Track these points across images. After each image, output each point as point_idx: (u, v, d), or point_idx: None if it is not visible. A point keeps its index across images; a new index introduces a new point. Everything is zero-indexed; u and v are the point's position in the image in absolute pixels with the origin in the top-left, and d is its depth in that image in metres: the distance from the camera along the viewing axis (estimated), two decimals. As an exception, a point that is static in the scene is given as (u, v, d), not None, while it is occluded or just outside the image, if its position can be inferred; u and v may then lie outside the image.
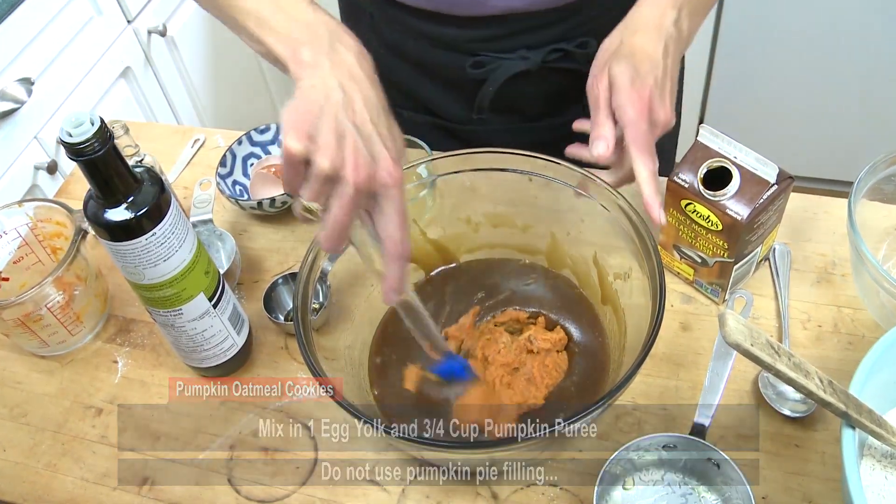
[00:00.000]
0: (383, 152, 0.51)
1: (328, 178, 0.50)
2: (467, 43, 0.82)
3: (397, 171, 0.51)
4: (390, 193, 0.52)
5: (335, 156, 0.50)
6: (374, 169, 0.51)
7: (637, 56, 0.62)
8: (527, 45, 0.81)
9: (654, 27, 0.64)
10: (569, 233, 0.72)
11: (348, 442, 0.70)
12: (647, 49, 0.62)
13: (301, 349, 0.59)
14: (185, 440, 0.72)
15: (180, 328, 0.68)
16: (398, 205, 0.52)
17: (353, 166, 0.50)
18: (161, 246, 0.61)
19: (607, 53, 0.64)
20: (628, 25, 0.65)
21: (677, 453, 0.61)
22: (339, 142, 0.50)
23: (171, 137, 1.03)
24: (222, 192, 0.88)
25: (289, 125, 0.51)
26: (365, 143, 0.51)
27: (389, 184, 0.51)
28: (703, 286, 0.75)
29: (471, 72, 0.83)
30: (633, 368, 0.54)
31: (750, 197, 0.65)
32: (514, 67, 0.82)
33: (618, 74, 0.61)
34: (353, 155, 0.50)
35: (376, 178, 0.51)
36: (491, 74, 0.83)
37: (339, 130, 0.51)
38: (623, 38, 0.64)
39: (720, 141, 0.67)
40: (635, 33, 0.64)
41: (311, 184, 0.51)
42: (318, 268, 0.65)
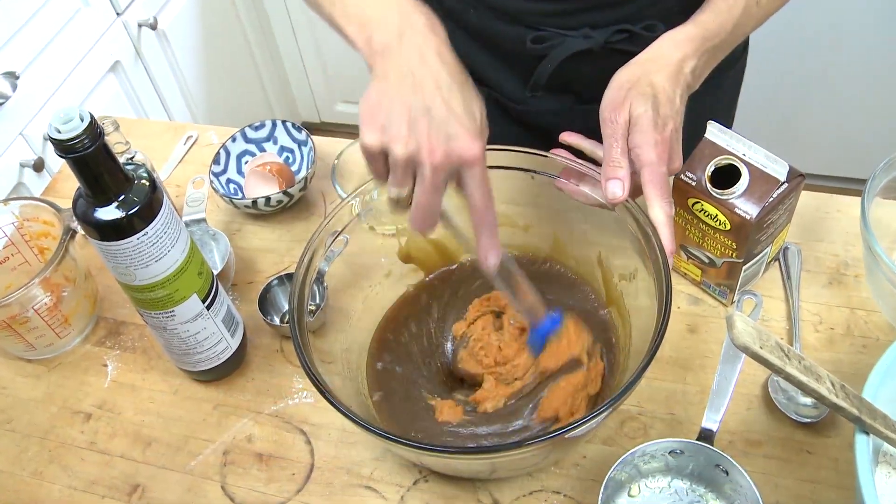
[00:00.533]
0: (459, 130, 0.53)
1: (407, 165, 0.53)
2: (530, 16, 0.81)
3: (475, 145, 0.53)
4: (471, 168, 0.54)
5: (408, 142, 0.52)
6: (451, 147, 0.53)
7: (659, 97, 0.63)
8: (591, 24, 0.80)
9: (676, 71, 0.65)
10: (572, 232, 0.73)
11: (345, 448, 0.70)
12: (668, 92, 0.63)
13: (297, 352, 0.59)
14: (177, 446, 0.72)
15: (172, 330, 0.69)
16: (480, 178, 0.54)
17: (428, 149, 0.52)
18: (153, 246, 0.62)
19: (625, 86, 0.64)
20: (650, 61, 0.65)
21: (684, 459, 0.62)
22: (412, 128, 0.52)
23: (163, 134, 1.04)
24: (216, 191, 0.88)
25: (363, 119, 0.54)
26: (438, 124, 0.53)
27: (468, 159, 0.53)
28: (711, 287, 0.76)
29: (531, 47, 0.82)
30: (639, 372, 0.54)
31: (759, 195, 0.66)
32: (576, 45, 0.81)
33: (642, 114, 0.62)
34: (427, 138, 0.52)
35: (454, 155, 0.53)
36: (551, 51, 0.82)
37: (410, 117, 0.53)
38: (642, 73, 0.64)
39: (728, 138, 0.67)
40: (657, 72, 0.64)
41: (392, 173, 0.54)
42: (315, 268, 0.66)
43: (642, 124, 0.61)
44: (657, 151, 0.60)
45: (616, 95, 0.63)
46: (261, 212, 0.88)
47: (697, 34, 0.66)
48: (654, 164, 0.61)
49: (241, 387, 0.76)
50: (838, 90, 1.70)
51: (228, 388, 0.76)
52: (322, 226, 0.66)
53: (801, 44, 1.65)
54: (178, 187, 0.96)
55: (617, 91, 0.64)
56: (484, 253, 0.58)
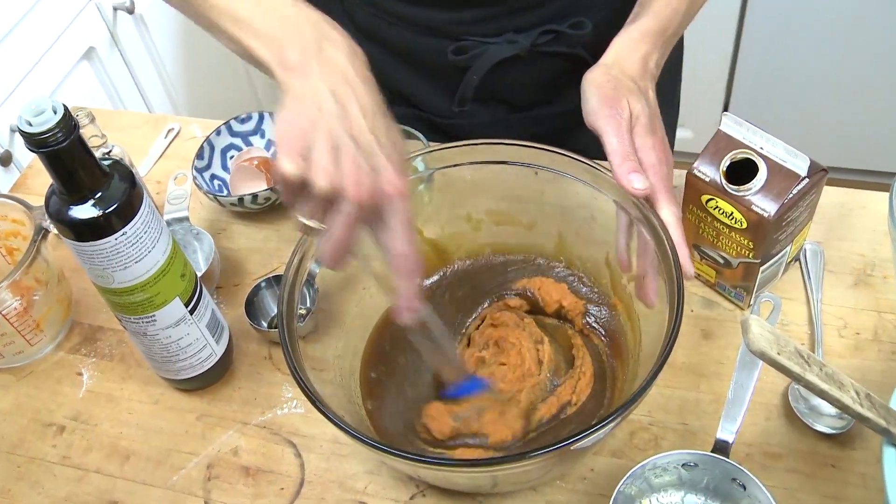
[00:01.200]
0: (385, 163, 0.52)
1: (328, 198, 0.51)
2: (448, 26, 0.82)
3: (401, 181, 0.52)
4: (395, 206, 0.52)
5: (333, 174, 0.51)
6: (377, 182, 0.52)
7: (648, 97, 0.64)
8: (515, 28, 0.81)
9: (643, 68, 0.67)
10: (578, 231, 0.73)
11: (338, 460, 0.71)
12: (647, 90, 0.65)
13: (286, 359, 0.60)
14: (157, 460, 0.73)
15: (153, 336, 0.69)
16: (404, 217, 0.53)
17: (354, 183, 0.51)
18: (132, 246, 0.62)
19: (608, 84, 0.64)
20: (616, 63, 0.66)
21: (698, 472, 0.62)
22: (336, 158, 0.51)
23: (142, 127, 1.04)
24: (199, 188, 0.89)
25: (281, 144, 0.52)
26: (364, 156, 0.52)
27: (394, 196, 0.52)
28: (727, 290, 0.76)
29: (453, 58, 0.83)
30: (649, 379, 0.55)
31: (778, 191, 0.66)
32: (501, 53, 0.82)
33: (640, 112, 0.62)
34: (352, 171, 0.51)
35: (379, 191, 0.52)
36: (475, 61, 0.83)
37: (334, 145, 0.51)
38: (619, 73, 0.65)
39: (745, 130, 0.68)
40: (629, 71, 0.66)
41: (311, 203, 0.52)
42: (305, 270, 0.66)
43: (642, 124, 0.62)
44: (658, 151, 0.61)
45: (606, 93, 0.63)
46: (247, 210, 0.89)
47: (653, 28, 0.67)
48: (656, 165, 0.61)
49: (226, 396, 0.76)
50: (863, 77, 1.70)
51: (213, 397, 0.76)
52: (312, 225, 0.67)
53: (821, 27, 1.64)
54: (159, 184, 0.97)
55: (604, 89, 0.64)
56: (403, 305, 0.55)
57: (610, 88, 0.63)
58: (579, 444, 0.53)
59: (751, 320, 0.49)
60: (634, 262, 0.66)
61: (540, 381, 0.67)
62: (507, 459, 0.55)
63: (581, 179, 0.68)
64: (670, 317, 0.58)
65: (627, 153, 0.61)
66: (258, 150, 0.95)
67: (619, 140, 0.62)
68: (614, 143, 0.61)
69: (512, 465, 0.54)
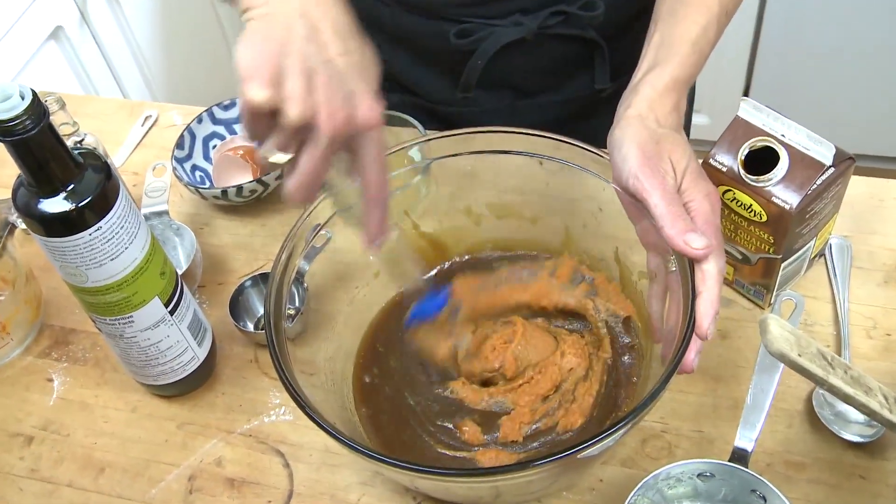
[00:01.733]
0: (360, 87, 0.52)
1: (299, 128, 0.51)
2: (450, 8, 0.82)
3: (377, 108, 0.53)
4: (371, 134, 0.53)
5: (306, 103, 0.50)
6: (352, 110, 0.52)
7: (685, 142, 0.63)
8: (521, 9, 0.82)
9: (678, 118, 0.65)
10: (585, 225, 0.74)
11: (329, 471, 0.71)
12: (687, 142, 0.63)
13: (274, 362, 0.60)
14: (135, 472, 0.73)
15: (130, 339, 0.70)
16: (379, 146, 0.54)
17: (328, 112, 0.50)
18: (107, 242, 0.62)
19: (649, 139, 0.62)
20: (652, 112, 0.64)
21: (715, 483, 0.62)
22: (309, 85, 0.51)
23: (117, 113, 1.04)
24: (179, 179, 0.89)
25: (247, 69, 0.50)
26: (340, 81, 0.52)
27: (371, 124, 0.53)
28: (745, 287, 0.77)
29: (456, 42, 0.83)
30: (661, 382, 0.55)
31: (801, 182, 0.67)
32: (507, 36, 0.82)
33: (687, 166, 0.61)
34: (326, 99, 0.50)
35: (355, 120, 0.52)
36: (479, 45, 0.83)
37: (306, 70, 0.51)
38: (655, 124, 0.63)
39: (765, 116, 0.68)
40: (665, 121, 0.63)
41: (279, 135, 0.52)
42: (294, 267, 0.67)
43: (691, 171, 0.61)
44: (711, 200, 0.60)
45: (648, 151, 0.60)
46: (232, 203, 0.89)
47: (682, 76, 0.65)
48: (709, 214, 0.60)
49: (209, 403, 0.77)
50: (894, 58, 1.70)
51: (195, 404, 0.77)
52: (302, 219, 0.67)
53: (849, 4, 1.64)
54: (136, 175, 0.97)
55: (646, 147, 0.61)
56: (372, 233, 0.58)
57: (652, 145, 0.61)
58: (586, 453, 0.53)
59: (769, 320, 0.50)
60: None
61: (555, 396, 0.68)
62: (510, 469, 0.55)
63: (588, 170, 0.68)
64: (684, 316, 0.58)
65: (678, 214, 0.58)
66: (243, 138, 0.96)
67: (667, 202, 0.58)
68: (662, 207, 0.58)
69: (515, 474, 0.54)
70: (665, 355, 0.61)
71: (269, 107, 0.50)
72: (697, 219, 0.59)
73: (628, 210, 0.65)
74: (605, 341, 0.71)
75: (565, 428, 0.67)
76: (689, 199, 0.60)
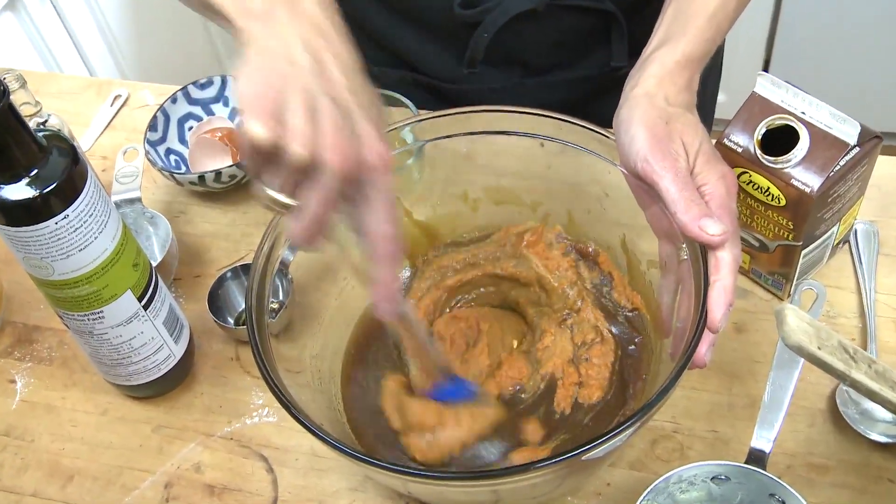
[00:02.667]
0: (367, 128, 0.52)
1: (303, 168, 0.50)
2: None
3: (386, 150, 0.52)
4: (378, 180, 0.53)
5: (311, 140, 0.50)
6: (359, 150, 0.51)
7: (697, 121, 0.63)
8: None
9: (691, 97, 0.65)
10: (590, 211, 0.74)
11: (316, 476, 0.72)
12: (700, 123, 0.63)
13: (256, 360, 0.60)
14: (106, 479, 0.74)
15: (101, 336, 0.70)
16: (387, 193, 0.53)
17: (335, 151, 0.50)
18: (75, 232, 0.63)
19: (658, 117, 0.62)
20: (662, 90, 0.64)
21: (731, 487, 0.63)
22: (314, 121, 0.50)
23: (83, 92, 1.05)
24: (153, 164, 0.89)
25: (248, 104, 0.50)
26: (346, 120, 0.52)
27: (378, 168, 0.52)
28: (763, 277, 0.77)
29: (460, 13, 0.83)
30: (671, 379, 0.55)
31: (822, 163, 0.67)
32: (516, 6, 0.82)
33: (701, 146, 0.61)
34: (333, 136, 0.50)
35: (363, 161, 0.52)
36: (486, 16, 0.83)
37: (311, 106, 0.51)
38: (664, 103, 0.63)
39: (783, 92, 0.69)
40: (675, 100, 0.64)
41: (282, 174, 0.51)
42: (277, 258, 0.67)
43: (704, 152, 0.61)
44: (727, 182, 0.61)
45: (658, 133, 0.61)
46: (210, 189, 0.90)
47: (697, 53, 0.66)
48: (725, 198, 0.60)
49: (186, 404, 0.77)
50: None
51: (171, 405, 0.77)
52: (285, 205, 0.68)
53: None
54: (106, 159, 0.97)
55: (655, 127, 0.61)
56: (381, 296, 0.56)
57: (662, 126, 0.61)
58: (591, 454, 0.54)
59: (787, 310, 0.50)
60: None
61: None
62: (509, 471, 0.56)
63: (593, 151, 0.69)
64: (696, 308, 0.59)
65: (691, 199, 0.59)
66: (221, 119, 0.96)
67: (680, 186, 0.59)
68: (674, 191, 0.59)
69: (515, 477, 0.55)
70: (675, 350, 0.62)
71: (271, 144, 0.50)
72: (712, 203, 0.59)
73: (637, 195, 0.66)
74: (608, 332, 0.72)
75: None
76: (702, 182, 0.60)
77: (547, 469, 0.54)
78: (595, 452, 0.54)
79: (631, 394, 0.69)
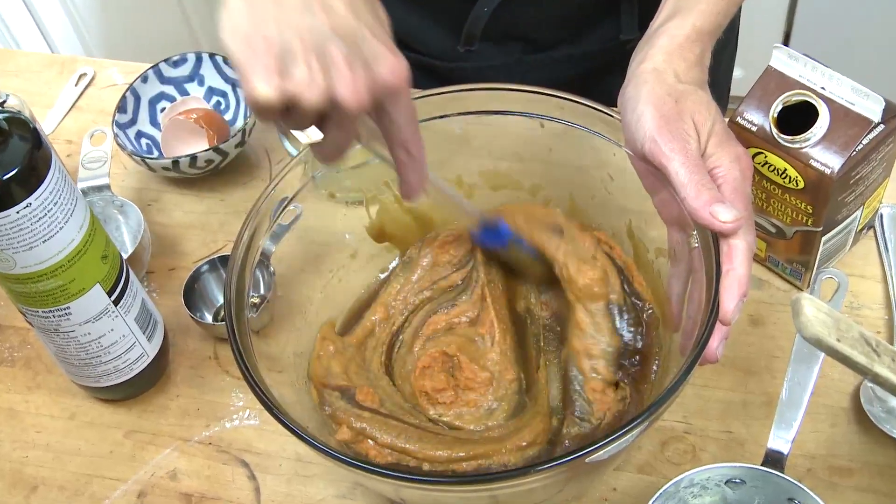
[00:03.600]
0: (378, 48, 0.53)
1: (321, 112, 0.52)
2: None
3: (401, 66, 0.54)
4: (399, 95, 0.55)
5: (322, 86, 0.51)
6: (375, 77, 0.53)
7: (709, 99, 0.63)
8: None
9: (701, 73, 0.66)
10: (594, 196, 0.75)
11: (301, 482, 0.72)
12: (713, 101, 0.64)
13: (236, 358, 0.61)
14: (74, 489, 0.74)
15: (68, 334, 0.70)
16: (408, 108, 0.56)
17: (350, 88, 0.51)
18: (38, 221, 0.63)
19: (665, 100, 0.62)
20: (671, 66, 0.65)
21: (747, 491, 0.64)
22: (322, 63, 0.51)
23: (44, 71, 1.04)
24: (122, 148, 0.90)
25: (244, 62, 0.51)
26: (354, 47, 0.52)
27: (397, 86, 0.54)
28: (780, 266, 0.78)
29: None
30: (681, 375, 0.56)
31: (844, 142, 0.67)
32: None
33: (714, 126, 0.62)
34: (344, 73, 0.51)
35: (380, 86, 0.53)
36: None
37: (314, 46, 0.51)
38: (674, 79, 0.64)
39: (801, 66, 0.69)
40: (685, 76, 0.64)
41: (299, 120, 0.53)
42: (258, 249, 0.67)
43: (717, 133, 0.62)
44: (741, 164, 0.61)
45: (667, 111, 0.61)
46: (184, 175, 0.90)
47: (707, 26, 0.66)
48: (739, 181, 0.60)
49: (161, 406, 0.78)
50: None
51: (144, 408, 0.78)
52: (266, 192, 0.68)
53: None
54: (71, 144, 0.97)
55: (664, 105, 0.62)
56: (412, 190, 0.62)
57: (671, 104, 0.61)
58: (595, 456, 0.54)
59: (803, 300, 0.50)
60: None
61: None
62: (509, 475, 0.56)
63: (597, 132, 0.69)
64: (707, 299, 0.59)
65: (702, 183, 0.59)
66: (196, 100, 0.96)
67: (690, 169, 0.59)
68: (683, 174, 0.59)
69: (514, 481, 0.55)
70: (685, 345, 0.63)
71: (283, 101, 0.51)
72: (725, 187, 0.60)
73: (644, 179, 0.66)
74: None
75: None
76: (715, 165, 0.61)
77: (548, 472, 0.54)
78: (599, 454, 0.54)
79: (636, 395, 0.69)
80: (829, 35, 1.81)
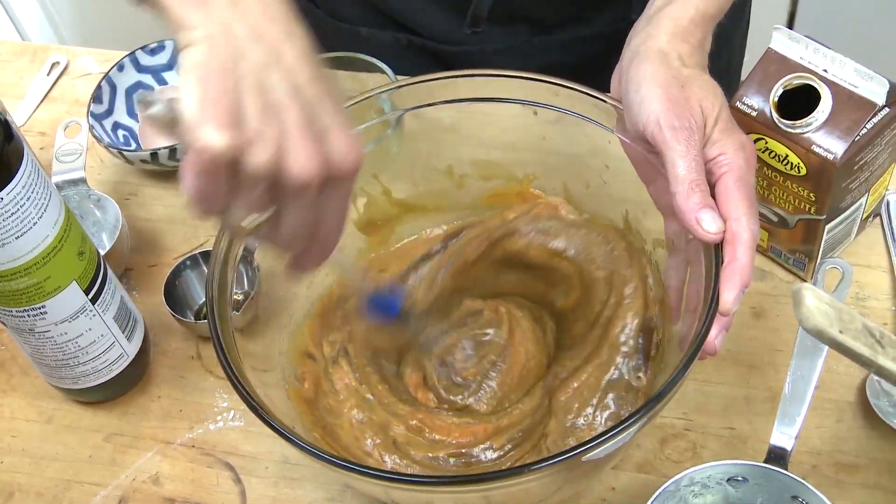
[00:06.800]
0: (336, 122, 0.52)
1: (268, 178, 0.50)
2: None
3: (357, 150, 0.52)
4: (345, 183, 0.53)
5: (275, 144, 0.49)
6: (329, 150, 0.51)
7: (715, 84, 0.63)
8: None
9: (703, 58, 0.66)
10: (589, 185, 0.75)
11: (288, 486, 0.73)
12: (717, 85, 0.64)
13: (219, 358, 0.61)
14: (52, 495, 0.74)
15: (43, 334, 0.71)
16: (347, 197, 0.54)
17: (304, 154, 0.49)
18: (11, 217, 0.63)
19: (671, 83, 0.62)
20: (675, 49, 0.65)
21: (749, 489, 0.64)
22: (278, 122, 0.49)
23: (14, 60, 1.04)
24: (98, 140, 0.90)
25: (196, 112, 0.48)
26: (311, 115, 0.51)
27: (350, 170, 0.52)
28: (783, 256, 0.78)
29: None
30: (680, 370, 0.56)
31: (847, 126, 0.68)
32: None
33: (720, 112, 0.62)
34: (300, 138, 0.50)
35: (334, 162, 0.51)
36: None
37: (271, 105, 0.50)
38: (679, 63, 0.64)
39: (803, 48, 0.69)
40: (690, 60, 0.64)
41: (246, 192, 0.50)
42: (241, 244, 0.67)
43: (723, 119, 0.62)
44: (746, 152, 0.61)
45: (673, 95, 0.61)
46: (164, 168, 0.90)
47: (711, 10, 0.66)
48: (744, 168, 0.61)
49: (142, 408, 0.78)
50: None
51: (125, 411, 0.78)
52: (248, 185, 0.68)
53: None
54: (44, 136, 0.97)
55: (670, 88, 0.62)
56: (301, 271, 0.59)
57: (677, 89, 0.61)
58: (591, 455, 0.55)
59: (804, 290, 0.50)
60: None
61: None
62: (503, 475, 0.57)
63: (592, 119, 0.69)
64: (706, 290, 0.60)
65: (697, 183, 0.59)
66: (174, 89, 0.96)
67: (688, 165, 0.59)
68: (681, 167, 0.59)
69: (508, 481, 0.56)
70: (685, 338, 0.63)
71: (231, 154, 0.48)
72: (729, 175, 0.60)
73: (639, 167, 0.66)
74: None
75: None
76: (720, 152, 0.61)
77: (543, 471, 0.55)
78: (596, 452, 0.55)
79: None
80: (835, 16, 1.81)
